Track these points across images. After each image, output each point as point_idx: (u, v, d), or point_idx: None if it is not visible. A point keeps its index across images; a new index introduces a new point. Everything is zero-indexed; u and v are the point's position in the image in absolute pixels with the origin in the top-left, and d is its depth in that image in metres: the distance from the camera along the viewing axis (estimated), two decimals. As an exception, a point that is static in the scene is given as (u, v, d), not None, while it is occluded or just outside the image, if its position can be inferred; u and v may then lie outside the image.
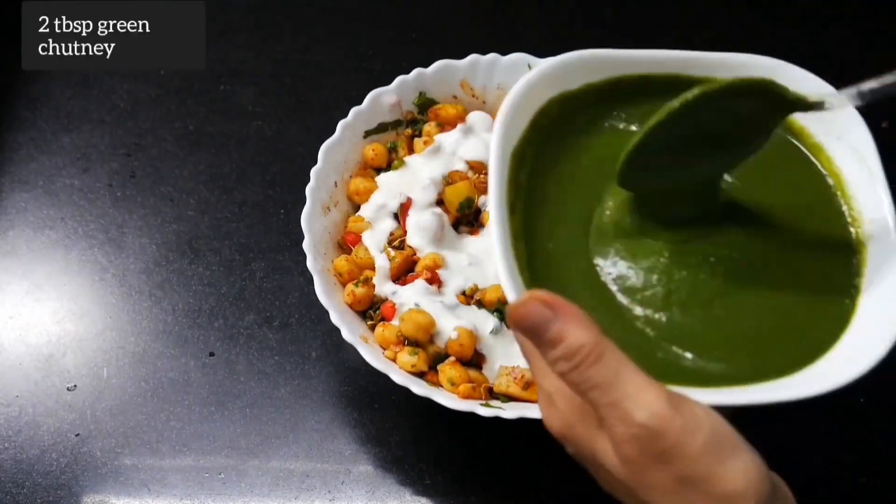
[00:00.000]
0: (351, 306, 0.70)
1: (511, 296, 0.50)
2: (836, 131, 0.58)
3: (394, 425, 0.71)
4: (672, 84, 0.59)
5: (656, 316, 0.55)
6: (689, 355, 0.53)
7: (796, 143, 0.61)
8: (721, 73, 0.57)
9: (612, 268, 0.56)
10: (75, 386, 0.73)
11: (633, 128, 0.59)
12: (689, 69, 0.60)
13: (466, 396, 0.66)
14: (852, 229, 0.58)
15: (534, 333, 0.44)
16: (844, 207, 0.59)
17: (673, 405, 0.43)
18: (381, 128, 0.78)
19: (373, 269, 0.72)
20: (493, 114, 0.79)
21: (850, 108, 0.55)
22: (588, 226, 0.57)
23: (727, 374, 0.53)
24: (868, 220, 0.57)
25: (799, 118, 0.60)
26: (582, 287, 0.55)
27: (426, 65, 0.79)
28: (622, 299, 0.55)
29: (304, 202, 0.71)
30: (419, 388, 0.65)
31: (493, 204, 0.53)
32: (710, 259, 0.56)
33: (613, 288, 0.56)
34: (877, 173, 0.57)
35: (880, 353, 0.51)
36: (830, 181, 0.60)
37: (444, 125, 0.78)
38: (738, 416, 0.46)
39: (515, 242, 0.54)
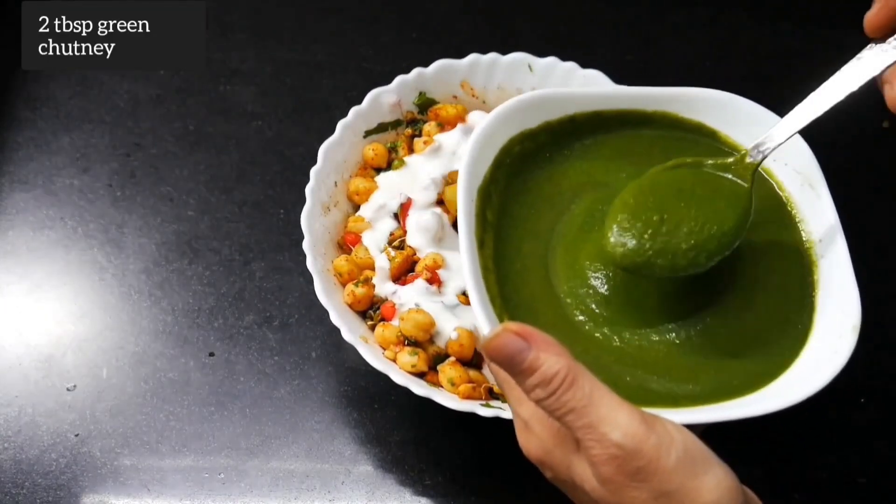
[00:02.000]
0: (351, 306, 0.70)
1: (485, 329, 0.51)
2: (783, 158, 0.61)
3: (394, 425, 0.71)
4: (624, 118, 0.62)
5: (620, 343, 0.56)
6: (655, 378, 0.56)
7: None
8: (671, 108, 0.62)
9: (575, 292, 0.58)
10: (75, 386, 0.73)
11: (594, 160, 0.62)
12: (640, 104, 0.63)
13: (467, 397, 0.66)
14: (806, 248, 0.61)
15: (509, 364, 0.46)
16: (797, 228, 0.61)
17: (646, 424, 0.45)
18: (381, 128, 0.78)
19: (373, 269, 0.72)
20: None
21: (795, 135, 0.59)
22: (550, 244, 0.60)
23: (694, 393, 0.56)
24: (818, 240, 0.60)
25: (747, 147, 0.62)
26: (549, 308, 0.57)
27: (426, 65, 0.79)
28: (587, 324, 0.57)
29: (304, 202, 0.71)
30: (419, 388, 0.65)
31: (463, 241, 0.56)
32: (668, 282, 0.58)
33: (577, 313, 0.58)
34: (824, 196, 0.60)
35: (837, 366, 0.54)
36: (782, 204, 0.62)
37: (444, 125, 0.78)
38: (708, 433, 0.48)
39: (486, 274, 0.56)
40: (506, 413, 0.64)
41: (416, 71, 0.78)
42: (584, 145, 0.62)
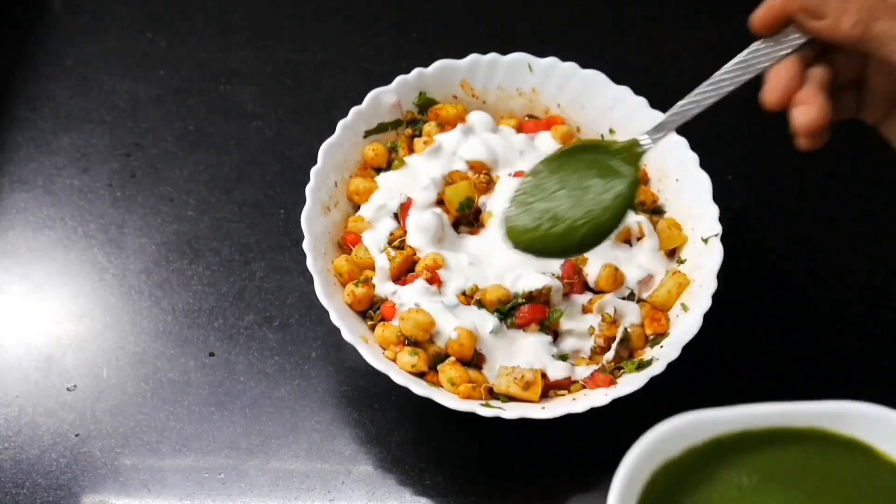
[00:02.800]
0: (351, 306, 0.70)
1: None
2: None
3: (394, 425, 0.71)
4: (774, 436, 0.58)
5: None
6: None
7: (871, 457, 0.58)
8: (822, 423, 0.57)
9: None
10: (75, 386, 0.73)
11: (744, 480, 0.58)
12: (789, 421, 0.58)
13: (466, 396, 0.66)
14: None
15: None
16: None
17: None
18: (381, 128, 0.78)
19: (373, 269, 0.72)
20: (493, 113, 0.80)
21: None
22: None
23: None
24: None
25: (858, 435, 0.58)
26: None
27: (426, 65, 0.79)
28: None
29: (304, 202, 0.71)
30: (419, 388, 0.65)
31: None
32: None
33: None
34: None
35: None
36: None
37: (444, 125, 0.78)
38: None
39: None
40: (505, 413, 0.64)
41: (416, 71, 0.78)
42: (731, 469, 0.58)
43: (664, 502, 0.56)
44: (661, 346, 0.69)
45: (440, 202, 0.74)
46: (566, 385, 0.69)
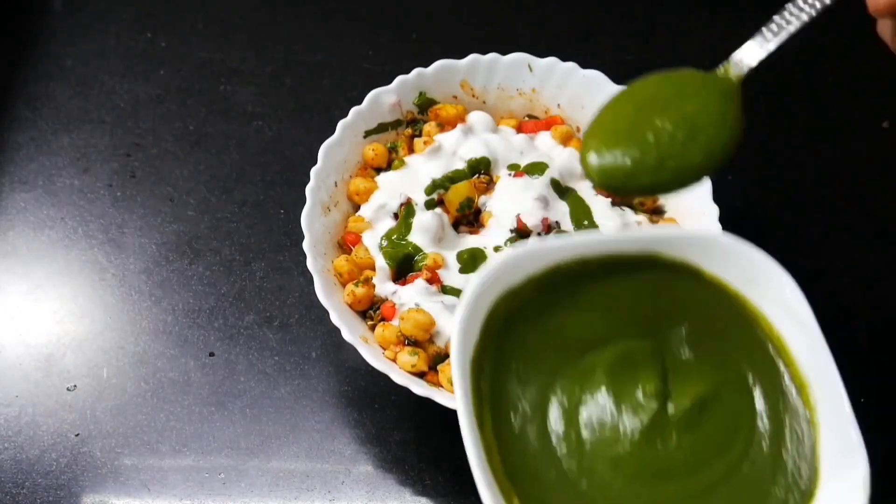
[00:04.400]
0: (351, 306, 0.70)
1: None
2: (771, 294, 0.58)
3: (394, 425, 0.71)
4: (610, 263, 0.59)
5: None
6: None
7: (738, 310, 0.60)
8: (659, 249, 0.60)
9: (582, 467, 0.56)
10: (75, 386, 0.73)
11: (581, 313, 0.59)
12: (626, 247, 0.60)
13: (466, 396, 0.66)
14: (800, 398, 0.58)
15: None
16: (788, 370, 0.58)
17: None
18: (381, 128, 0.78)
19: (373, 269, 0.72)
20: (493, 114, 0.80)
21: (778, 268, 0.58)
22: (547, 414, 0.57)
23: None
24: (814, 380, 0.57)
25: (733, 285, 0.60)
26: (562, 489, 0.55)
27: (426, 65, 0.79)
28: (596, 494, 0.55)
29: (304, 202, 0.71)
30: (419, 388, 0.65)
31: (463, 425, 0.53)
32: (657, 446, 0.56)
33: (583, 482, 0.55)
34: (816, 335, 0.57)
35: None
36: (771, 348, 0.59)
37: (444, 125, 0.78)
38: None
39: (490, 458, 0.54)
40: (506, 413, 0.64)
41: (416, 71, 0.78)
42: (566, 296, 0.59)
43: (505, 328, 0.58)
44: (661, 346, 0.69)
45: (440, 202, 0.74)
46: (566, 385, 0.69)
